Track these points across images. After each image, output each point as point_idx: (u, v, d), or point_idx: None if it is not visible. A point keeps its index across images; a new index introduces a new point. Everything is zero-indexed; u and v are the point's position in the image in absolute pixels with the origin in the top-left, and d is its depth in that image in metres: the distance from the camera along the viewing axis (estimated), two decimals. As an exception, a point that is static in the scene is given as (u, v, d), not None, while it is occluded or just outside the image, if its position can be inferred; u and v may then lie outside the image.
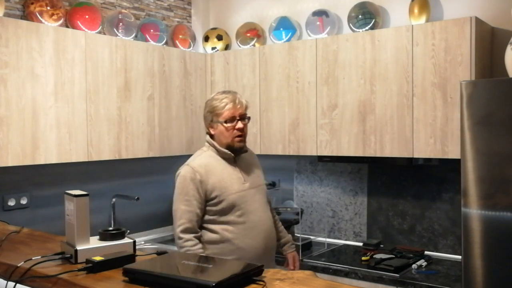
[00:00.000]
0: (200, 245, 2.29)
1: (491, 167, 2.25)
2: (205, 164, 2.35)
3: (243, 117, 2.40)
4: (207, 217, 2.35)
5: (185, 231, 2.27)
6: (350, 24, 3.21)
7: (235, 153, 2.41)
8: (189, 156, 2.48)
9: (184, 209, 2.28)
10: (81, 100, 2.86)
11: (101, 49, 2.98)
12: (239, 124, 2.36)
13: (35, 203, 2.96)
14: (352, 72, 2.99)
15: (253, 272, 1.43)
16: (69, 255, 1.64)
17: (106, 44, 3.01)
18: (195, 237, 2.29)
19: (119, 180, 3.43)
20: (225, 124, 2.35)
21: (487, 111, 2.25)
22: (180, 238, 2.27)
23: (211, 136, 2.43)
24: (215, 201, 2.32)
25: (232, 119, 2.35)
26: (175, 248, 3.34)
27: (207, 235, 2.34)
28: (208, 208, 2.34)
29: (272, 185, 3.68)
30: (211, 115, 2.39)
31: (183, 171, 2.34)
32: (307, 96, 3.18)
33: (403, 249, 3.02)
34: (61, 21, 2.96)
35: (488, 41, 2.83)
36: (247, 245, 2.32)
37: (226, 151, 2.38)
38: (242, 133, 2.38)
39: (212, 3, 4.08)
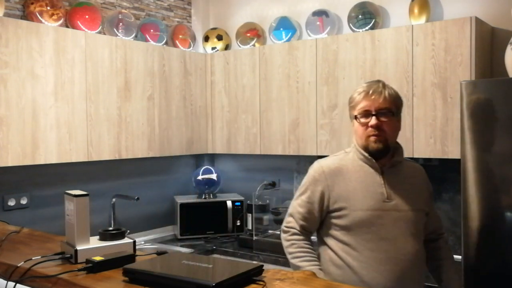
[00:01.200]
0: (308, 242, 1.96)
1: (491, 167, 2.25)
2: (337, 166, 1.93)
3: (382, 113, 1.86)
4: (330, 230, 1.93)
5: (290, 227, 1.99)
6: (350, 24, 3.21)
7: (376, 158, 1.89)
8: (189, 156, 2.47)
9: (295, 207, 1.99)
10: (81, 100, 2.86)
11: (101, 49, 2.98)
12: (373, 121, 1.85)
13: (35, 203, 2.96)
14: (352, 72, 2.99)
15: (253, 272, 1.43)
16: (69, 255, 1.64)
17: (106, 44, 3.01)
18: (300, 232, 1.97)
19: (119, 180, 3.43)
20: (357, 120, 1.90)
21: (487, 111, 2.25)
22: (285, 232, 2.00)
23: None
24: (337, 213, 1.89)
25: (365, 114, 1.87)
26: (175, 248, 3.36)
27: (328, 254, 1.93)
28: (331, 220, 1.92)
29: (272, 185, 3.68)
30: (348, 108, 1.98)
31: (312, 168, 1.99)
32: (307, 96, 3.18)
33: (403, 249, 3.01)
34: (61, 21, 2.96)
35: (488, 41, 2.83)
36: (374, 280, 1.82)
37: (365, 154, 1.90)
38: (379, 132, 1.86)
39: (212, 3, 4.08)
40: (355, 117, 1.90)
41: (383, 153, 1.89)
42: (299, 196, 1.99)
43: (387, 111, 1.87)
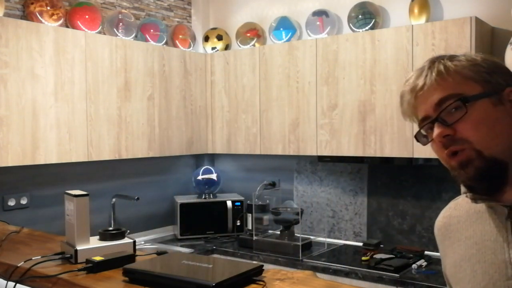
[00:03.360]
0: None
1: (491, 167, 2.25)
2: (447, 221, 1.12)
3: (445, 110, 0.99)
4: None
5: None
6: (350, 24, 3.21)
7: (492, 191, 1.00)
8: (189, 156, 2.46)
9: None
10: (81, 100, 2.86)
11: (101, 49, 2.98)
12: (435, 131, 1.00)
13: (35, 203, 2.96)
14: (352, 72, 2.99)
15: (253, 272, 1.43)
16: (69, 255, 1.64)
17: (106, 44, 3.01)
18: None
19: (119, 180, 3.43)
20: (422, 140, 1.07)
21: (487, 111, 2.25)
22: None
23: None
24: None
25: (426, 125, 1.04)
26: (175, 248, 3.36)
27: None
28: None
29: (272, 185, 3.68)
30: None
31: None
32: (307, 96, 3.18)
33: (403, 249, 3.02)
34: (61, 21, 2.96)
35: (488, 41, 2.82)
36: None
37: (469, 193, 1.10)
38: (456, 145, 0.99)
39: (212, 3, 4.08)
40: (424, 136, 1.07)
41: (490, 179, 0.98)
42: None
43: (453, 100, 0.98)
